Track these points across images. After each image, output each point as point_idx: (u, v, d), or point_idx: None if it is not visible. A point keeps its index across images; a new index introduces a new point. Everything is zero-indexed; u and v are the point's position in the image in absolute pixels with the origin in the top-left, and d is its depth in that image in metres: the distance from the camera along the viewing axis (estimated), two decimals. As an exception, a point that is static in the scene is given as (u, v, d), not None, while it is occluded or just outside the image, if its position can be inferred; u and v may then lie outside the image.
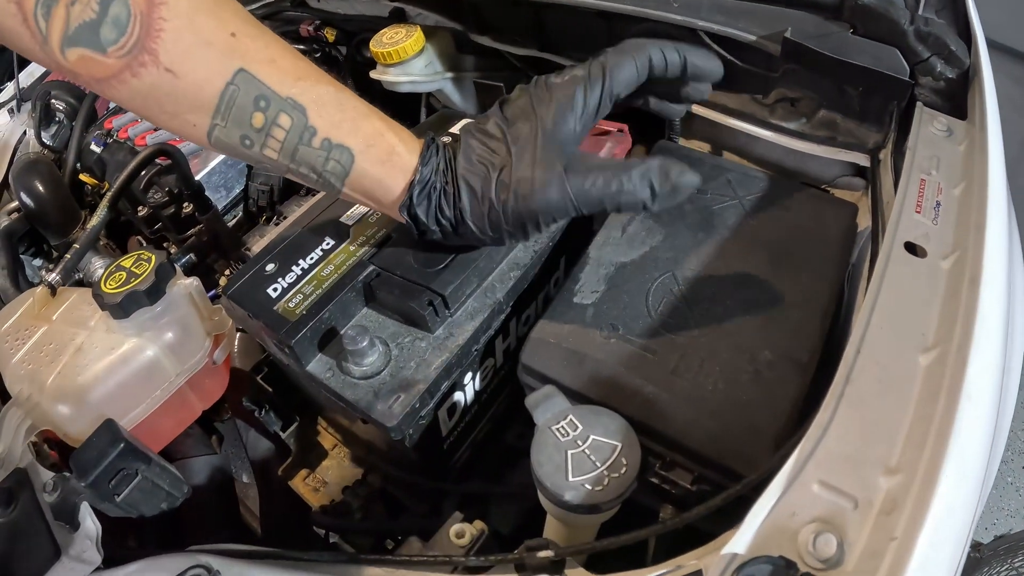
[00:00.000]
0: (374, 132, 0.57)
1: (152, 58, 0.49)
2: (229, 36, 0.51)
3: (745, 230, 0.70)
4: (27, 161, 1.14)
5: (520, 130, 0.58)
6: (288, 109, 0.53)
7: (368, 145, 0.57)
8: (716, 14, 0.79)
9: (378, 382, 0.61)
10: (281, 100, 0.53)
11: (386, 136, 0.57)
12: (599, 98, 0.58)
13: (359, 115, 0.57)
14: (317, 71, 0.56)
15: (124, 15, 0.47)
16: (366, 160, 0.57)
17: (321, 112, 0.55)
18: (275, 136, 0.54)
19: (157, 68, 0.49)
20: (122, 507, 0.61)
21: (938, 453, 0.43)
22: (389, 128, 0.58)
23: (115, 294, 0.67)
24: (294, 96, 0.53)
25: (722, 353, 0.59)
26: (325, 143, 0.55)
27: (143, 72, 0.49)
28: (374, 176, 0.58)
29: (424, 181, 0.58)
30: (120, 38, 0.48)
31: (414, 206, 0.59)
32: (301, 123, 0.54)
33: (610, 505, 0.50)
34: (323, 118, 0.55)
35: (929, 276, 0.56)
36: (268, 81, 0.52)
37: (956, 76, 0.72)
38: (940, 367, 0.48)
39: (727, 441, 0.55)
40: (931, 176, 0.65)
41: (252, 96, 0.52)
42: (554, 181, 0.56)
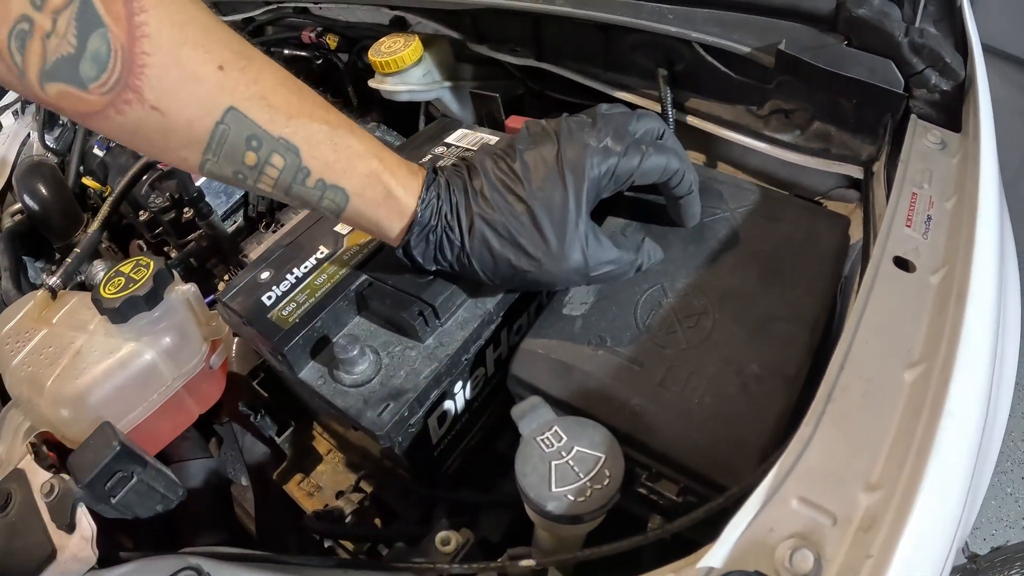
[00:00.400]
0: (369, 174, 0.56)
1: (137, 96, 0.47)
2: (217, 70, 0.49)
3: (736, 242, 0.70)
4: (31, 164, 1.15)
5: (548, 192, 0.58)
6: (281, 150, 0.52)
7: (363, 187, 0.56)
8: (711, 26, 0.79)
9: (368, 390, 0.61)
10: (273, 140, 0.52)
11: (382, 178, 0.57)
12: (624, 180, 0.61)
13: (354, 155, 0.56)
14: (311, 105, 0.55)
15: (104, 50, 0.44)
16: (361, 202, 0.57)
17: (314, 153, 0.53)
18: (268, 174, 0.53)
19: (143, 106, 0.47)
20: (118, 509, 0.62)
21: (917, 470, 0.43)
22: (385, 169, 0.57)
23: (114, 299, 0.68)
24: (287, 136, 0.52)
25: (709, 366, 0.60)
26: (319, 183, 0.55)
27: (128, 110, 0.47)
28: (370, 218, 0.58)
29: (423, 224, 0.58)
30: (101, 74, 0.45)
31: (411, 248, 0.60)
32: (294, 164, 0.53)
33: (592, 516, 0.51)
34: (317, 159, 0.54)
35: (917, 291, 0.56)
36: (259, 121, 0.51)
37: (951, 88, 0.72)
38: (924, 383, 0.48)
39: (713, 454, 0.55)
40: (923, 189, 0.65)
41: (244, 136, 0.51)
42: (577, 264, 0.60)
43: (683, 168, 0.64)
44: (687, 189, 0.66)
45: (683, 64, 0.85)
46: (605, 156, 0.59)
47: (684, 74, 0.86)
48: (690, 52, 0.82)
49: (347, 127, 0.56)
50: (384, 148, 0.59)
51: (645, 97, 0.90)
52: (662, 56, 0.85)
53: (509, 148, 0.61)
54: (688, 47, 0.82)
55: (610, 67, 0.92)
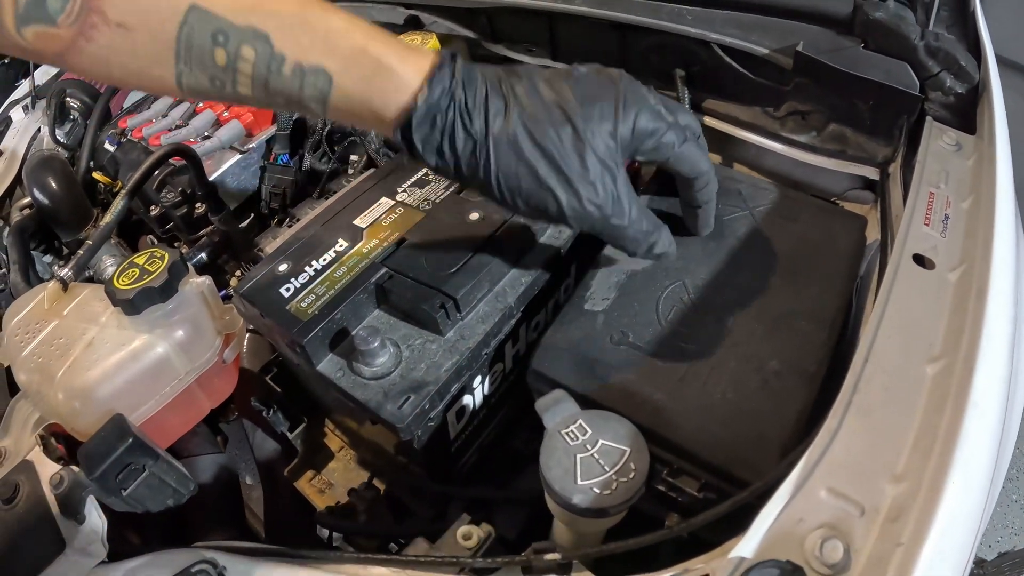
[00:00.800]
0: (353, 48, 0.50)
1: (101, 17, 0.47)
2: None
3: (755, 241, 0.70)
4: (41, 158, 1.15)
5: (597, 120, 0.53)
6: (250, 39, 0.48)
7: (347, 64, 0.50)
8: (729, 27, 0.79)
9: (388, 383, 0.61)
10: (240, 31, 0.48)
11: (369, 50, 0.50)
12: (662, 152, 0.57)
13: (333, 32, 0.50)
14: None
15: None
16: (347, 80, 0.50)
17: (287, 36, 0.49)
18: (242, 71, 0.50)
19: (108, 26, 0.47)
20: (128, 502, 0.62)
21: (944, 461, 0.43)
22: (375, 41, 0.50)
23: (127, 290, 0.68)
24: (254, 24, 0.48)
25: (730, 362, 0.60)
26: (297, 69, 0.50)
27: (95, 34, 0.47)
28: (359, 98, 0.51)
29: (431, 103, 0.50)
30: (66, 5, 0.46)
31: (412, 130, 0.51)
32: (266, 52, 0.49)
33: (618, 509, 0.50)
34: (290, 42, 0.49)
35: (937, 288, 0.56)
36: (222, 12, 0.48)
37: (965, 91, 0.73)
38: (947, 377, 0.49)
39: (734, 449, 0.55)
40: (940, 189, 0.66)
41: (208, 33, 0.48)
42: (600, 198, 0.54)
43: (710, 173, 0.62)
44: (708, 196, 0.64)
45: (700, 65, 0.85)
46: (657, 117, 0.55)
47: (701, 75, 0.86)
48: (708, 53, 0.83)
49: (321, 6, 0.51)
50: (375, 27, 0.52)
51: (661, 98, 0.90)
52: (679, 57, 0.86)
53: (564, 70, 0.56)
54: (706, 48, 0.82)
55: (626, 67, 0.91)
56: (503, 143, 0.52)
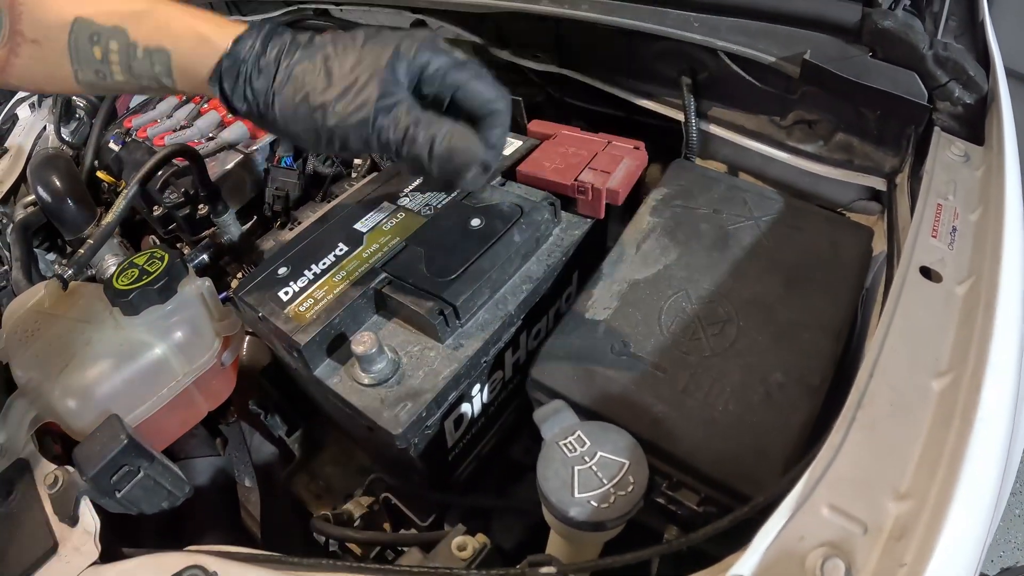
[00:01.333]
0: (185, 28, 0.60)
1: (22, 37, 0.59)
2: None
3: (760, 251, 0.70)
4: (45, 156, 1.15)
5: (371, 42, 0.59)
6: (114, 35, 0.60)
7: (179, 40, 0.60)
8: (736, 34, 0.79)
9: (385, 389, 0.60)
10: (107, 29, 0.60)
11: (197, 27, 0.60)
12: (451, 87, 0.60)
13: (171, 18, 0.61)
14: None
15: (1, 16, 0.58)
16: (180, 54, 0.60)
17: (138, 27, 0.60)
18: (112, 61, 0.61)
19: (27, 43, 0.59)
20: (122, 503, 0.61)
21: (950, 478, 0.42)
22: (198, 20, 0.61)
23: (127, 290, 0.68)
24: (116, 23, 0.60)
25: (733, 374, 0.59)
26: (146, 52, 0.60)
27: (20, 51, 0.59)
28: (189, 65, 0.61)
29: (234, 58, 0.59)
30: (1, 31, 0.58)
31: (222, 81, 0.60)
32: (125, 41, 0.60)
33: (616, 523, 0.50)
34: (139, 32, 0.60)
35: (944, 301, 0.55)
36: (95, 18, 0.60)
37: (974, 101, 0.72)
38: (954, 392, 0.48)
39: (735, 463, 0.54)
40: (948, 201, 0.65)
41: (87, 35, 0.60)
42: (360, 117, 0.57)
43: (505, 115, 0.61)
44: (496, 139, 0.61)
45: (707, 73, 0.84)
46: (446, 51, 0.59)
47: (707, 83, 0.86)
48: (714, 61, 0.82)
49: (167, 4, 0.61)
50: (208, 13, 0.63)
51: (668, 105, 0.89)
52: (686, 64, 0.85)
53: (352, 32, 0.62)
54: (712, 56, 0.81)
55: (632, 75, 0.92)
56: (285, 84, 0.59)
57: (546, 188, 0.75)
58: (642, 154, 0.80)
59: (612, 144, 0.81)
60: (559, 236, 0.73)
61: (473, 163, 0.59)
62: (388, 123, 0.58)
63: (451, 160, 0.58)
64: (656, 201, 0.76)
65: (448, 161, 0.58)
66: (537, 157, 0.80)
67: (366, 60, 0.58)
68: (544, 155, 0.80)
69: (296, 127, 0.60)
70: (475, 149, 0.59)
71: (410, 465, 0.67)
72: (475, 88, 0.60)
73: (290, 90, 0.59)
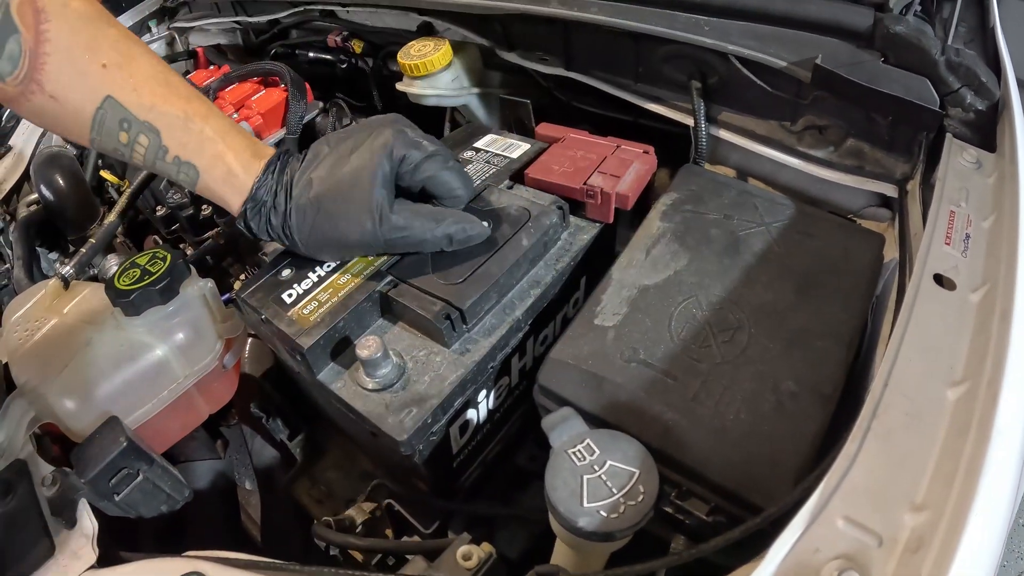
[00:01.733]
0: (215, 155, 0.66)
1: (39, 87, 0.59)
2: (100, 68, 0.61)
3: (771, 257, 0.69)
4: (49, 154, 1.15)
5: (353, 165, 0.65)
6: (146, 131, 0.63)
7: (210, 166, 0.66)
8: (747, 38, 0.78)
9: (390, 395, 0.60)
10: (140, 123, 0.63)
11: (225, 159, 0.66)
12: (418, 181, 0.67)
13: (204, 139, 0.66)
14: (175, 96, 0.65)
15: (17, 51, 0.57)
16: (208, 178, 0.67)
17: (172, 134, 0.64)
18: (138, 151, 0.64)
19: (43, 95, 0.60)
20: (121, 507, 0.61)
21: (968, 490, 0.42)
22: (229, 150, 0.67)
23: (128, 291, 0.67)
24: (150, 120, 0.63)
25: (744, 382, 0.58)
26: (176, 160, 0.65)
27: (33, 98, 0.60)
28: (216, 192, 0.68)
29: (256, 201, 0.67)
30: (15, 71, 0.58)
31: (248, 220, 0.68)
32: (156, 143, 0.64)
33: (625, 533, 0.49)
34: (173, 139, 0.64)
35: (958, 309, 0.55)
36: (129, 107, 0.62)
37: (986, 108, 0.71)
38: (970, 402, 0.47)
39: (746, 472, 0.53)
40: (960, 208, 0.64)
41: (117, 119, 0.62)
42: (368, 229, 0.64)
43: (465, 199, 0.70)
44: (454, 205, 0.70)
45: (716, 77, 0.84)
46: (413, 145, 0.66)
47: (717, 87, 0.85)
48: (724, 65, 0.81)
49: (202, 115, 0.66)
50: (237, 134, 0.68)
51: (677, 109, 0.88)
52: (695, 68, 0.84)
53: (339, 135, 0.70)
54: (722, 59, 0.80)
55: (641, 78, 0.91)
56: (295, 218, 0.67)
57: (554, 192, 0.75)
58: (651, 158, 0.79)
59: (621, 148, 0.80)
60: (567, 240, 0.72)
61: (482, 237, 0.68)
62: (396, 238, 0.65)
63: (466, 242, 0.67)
64: (666, 206, 0.76)
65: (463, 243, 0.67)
66: (545, 160, 0.79)
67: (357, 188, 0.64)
68: (552, 158, 0.79)
69: (319, 254, 0.69)
70: (481, 230, 0.67)
71: (414, 471, 0.66)
72: (443, 179, 0.67)
73: (302, 226, 0.66)
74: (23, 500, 0.57)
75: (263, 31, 1.42)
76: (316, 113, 1.14)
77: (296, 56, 1.33)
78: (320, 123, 1.14)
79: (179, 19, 1.68)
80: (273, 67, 1.11)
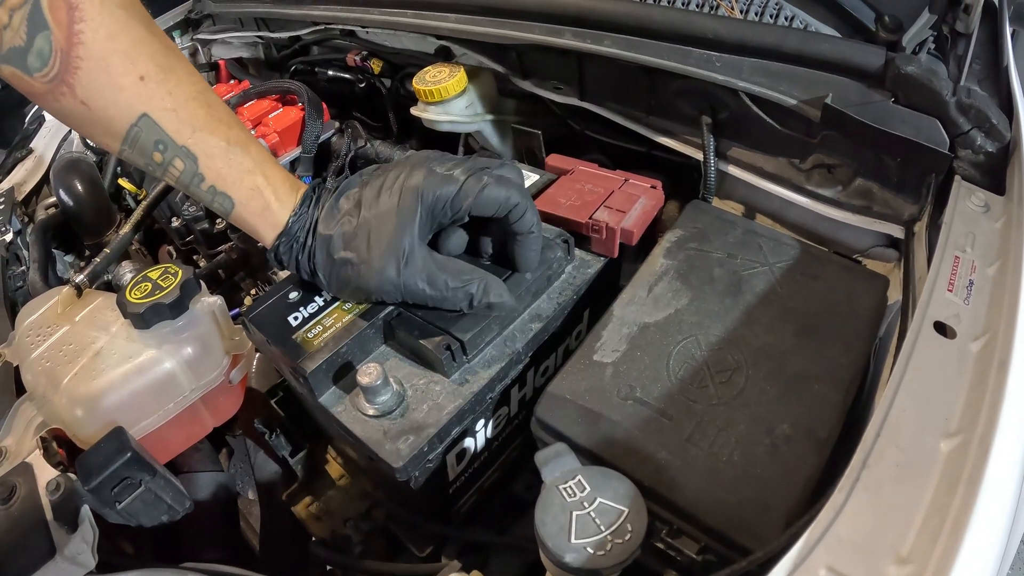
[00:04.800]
0: (253, 188, 0.64)
1: (70, 90, 0.56)
2: (138, 80, 0.57)
3: (773, 298, 0.69)
4: (69, 160, 1.17)
5: (382, 211, 0.63)
6: (182, 156, 0.61)
7: (247, 199, 0.64)
8: (758, 75, 0.78)
9: (388, 421, 0.60)
10: (177, 147, 0.60)
11: (264, 193, 0.65)
12: (462, 209, 0.63)
13: (244, 171, 0.64)
14: (215, 121, 0.62)
15: (47, 49, 0.54)
16: (244, 211, 0.65)
17: (210, 163, 0.62)
18: (172, 173, 0.62)
19: (74, 99, 0.56)
20: (122, 515, 0.62)
21: (952, 546, 0.41)
22: (268, 185, 0.65)
23: (139, 304, 0.68)
24: (188, 146, 0.61)
25: (739, 424, 0.58)
26: (211, 189, 0.63)
27: (63, 100, 0.57)
28: (250, 225, 0.66)
29: (290, 235, 0.66)
30: (43, 68, 0.55)
31: (279, 254, 0.66)
32: (192, 169, 0.62)
33: (611, 571, 0.49)
34: (211, 169, 0.62)
35: (958, 359, 0.54)
36: (167, 129, 0.59)
37: (996, 150, 0.71)
38: (962, 455, 0.47)
39: (737, 515, 0.53)
40: (965, 253, 0.64)
41: (152, 139, 0.59)
42: (389, 278, 0.62)
43: (524, 204, 0.64)
44: (527, 227, 0.65)
45: (727, 113, 0.84)
46: (445, 183, 0.62)
47: (727, 123, 0.85)
48: (735, 101, 0.82)
49: (243, 144, 0.64)
50: (274, 166, 0.67)
51: (687, 144, 0.89)
52: (706, 103, 0.85)
53: (373, 171, 0.68)
54: (733, 96, 0.81)
55: (653, 111, 0.92)
56: (319, 254, 0.66)
57: (560, 225, 0.75)
58: (658, 193, 0.80)
59: (629, 182, 0.81)
60: (571, 274, 0.73)
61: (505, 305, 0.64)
62: (416, 290, 0.63)
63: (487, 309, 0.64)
64: (670, 243, 0.76)
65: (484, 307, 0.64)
66: (552, 193, 0.80)
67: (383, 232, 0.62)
68: (560, 191, 0.80)
69: (341, 294, 0.67)
70: (507, 300, 0.64)
71: (410, 496, 0.67)
72: (488, 198, 0.63)
73: (327, 266, 0.65)
74: (27, 503, 0.58)
75: (284, 47, 1.44)
76: (332, 133, 1.15)
77: (316, 73, 1.34)
78: (335, 142, 1.16)
79: (202, 31, 1.71)
80: (291, 86, 1.12)
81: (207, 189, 0.63)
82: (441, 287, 0.62)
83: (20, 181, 1.31)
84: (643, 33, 0.84)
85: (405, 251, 0.62)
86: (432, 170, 0.63)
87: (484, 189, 0.62)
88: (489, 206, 0.63)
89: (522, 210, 0.64)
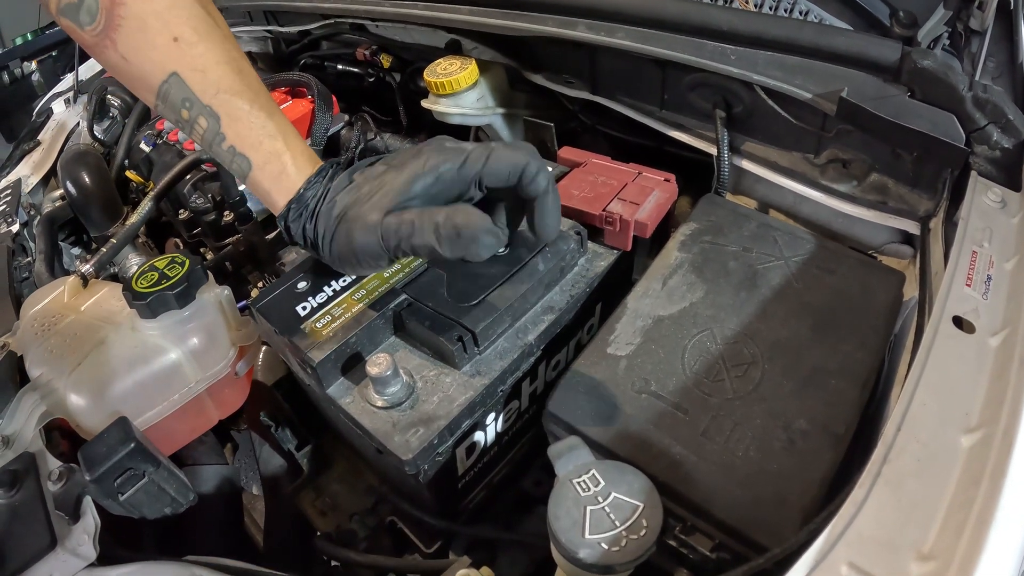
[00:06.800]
0: (272, 152, 0.65)
1: (112, 44, 0.62)
2: (171, 41, 0.62)
3: (789, 292, 0.68)
4: (76, 152, 1.16)
5: (387, 176, 0.63)
6: (206, 114, 0.64)
7: (264, 162, 0.65)
8: (773, 69, 0.77)
9: (398, 413, 0.60)
10: (202, 106, 0.63)
11: (281, 158, 0.65)
12: (469, 179, 0.61)
13: (265, 134, 0.65)
14: (242, 85, 0.64)
15: (95, 6, 0.61)
16: (260, 173, 0.65)
17: (231, 124, 0.64)
18: (196, 131, 0.65)
19: (116, 53, 0.62)
20: (125, 507, 0.61)
21: (976, 540, 0.41)
22: (288, 150, 0.66)
23: (145, 293, 0.68)
24: (213, 105, 0.63)
25: (755, 418, 0.57)
26: (231, 149, 0.65)
27: (107, 52, 0.63)
28: (265, 188, 0.66)
29: (301, 202, 0.65)
30: (92, 22, 0.61)
31: (288, 221, 0.66)
32: (214, 128, 0.64)
33: (625, 567, 0.48)
34: (232, 129, 0.64)
35: (977, 353, 0.53)
36: (194, 88, 0.63)
37: (1012, 146, 0.70)
38: (984, 449, 0.46)
39: (753, 511, 0.52)
40: (983, 248, 0.63)
41: (180, 97, 0.63)
42: (371, 223, 0.60)
43: (536, 164, 0.61)
44: (542, 188, 0.61)
45: (741, 106, 0.83)
46: (452, 152, 0.62)
47: (742, 117, 0.84)
48: (749, 94, 0.81)
49: (268, 111, 0.65)
50: (295, 137, 0.67)
51: (700, 138, 0.88)
52: (720, 97, 0.84)
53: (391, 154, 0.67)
54: (748, 89, 0.80)
55: (666, 105, 0.91)
56: (321, 222, 0.64)
57: (573, 217, 0.74)
58: (672, 186, 0.79)
59: (642, 175, 0.80)
60: (584, 267, 0.72)
61: (480, 235, 0.58)
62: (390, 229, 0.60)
63: (458, 238, 0.58)
64: (685, 236, 0.75)
65: (456, 240, 0.58)
66: (565, 185, 0.79)
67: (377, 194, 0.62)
68: (573, 183, 0.79)
69: (338, 264, 0.65)
70: (477, 221, 0.58)
71: (418, 490, 0.66)
72: (497, 164, 0.60)
73: (325, 233, 0.63)
74: (29, 492, 0.58)
75: (293, 41, 1.43)
76: (341, 126, 1.14)
77: (325, 68, 1.34)
78: (345, 136, 1.15)
79: (212, 24, 1.70)
80: (301, 78, 1.12)
81: (227, 149, 0.65)
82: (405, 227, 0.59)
83: (27, 173, 1.31)
84: (657, 25, 0.84)
85: (395, 202, 0.60)
86: (442, 144, 0.64)
87: (491, 154, 0.61)
88: (500, 171, 0.60)
89: (534, 169, 0.61)
